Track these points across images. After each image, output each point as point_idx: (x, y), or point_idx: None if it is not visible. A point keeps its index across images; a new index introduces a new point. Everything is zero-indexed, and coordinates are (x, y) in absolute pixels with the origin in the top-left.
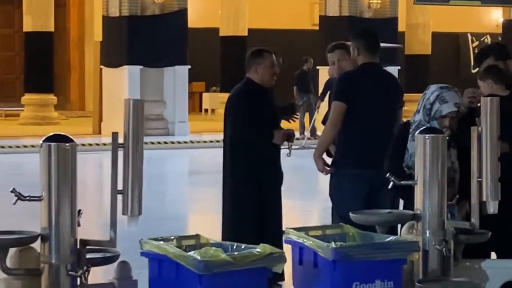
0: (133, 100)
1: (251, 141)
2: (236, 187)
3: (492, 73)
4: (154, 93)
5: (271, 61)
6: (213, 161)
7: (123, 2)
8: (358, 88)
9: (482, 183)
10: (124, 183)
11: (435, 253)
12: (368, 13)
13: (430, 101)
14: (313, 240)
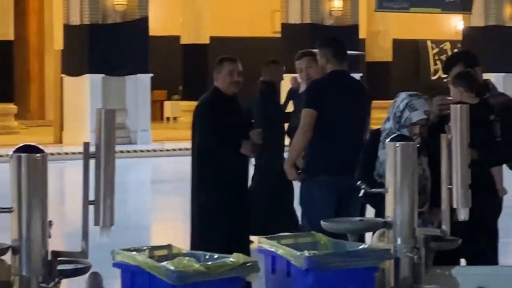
0: (105, 109)
1: (218, 149)
2: (203, 195)
3: (463, 80)
4: (116, 102)
5: (229, 69)
6: (175, 170)
7: (84, 10)
8: (327, 95)
9: (453, 190)
10: (96, 194)
11: (406, 260)
12: (329, 21)
13: (400, 109)
14: (285, 249)
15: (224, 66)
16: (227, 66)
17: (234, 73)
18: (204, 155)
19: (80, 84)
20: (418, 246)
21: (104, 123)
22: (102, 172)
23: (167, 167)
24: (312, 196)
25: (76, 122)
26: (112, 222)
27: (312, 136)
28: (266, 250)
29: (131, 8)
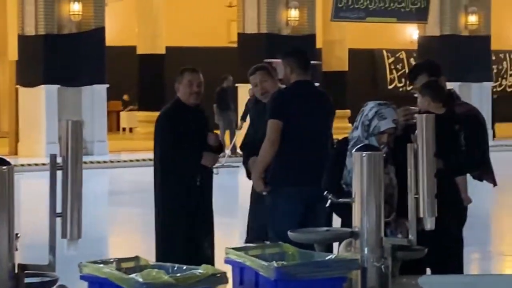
0: (71, 121)
1: (178, 160)
2: (165, 206)
3: (430, 90)
4: (72, 113)
5: (188, 79)
6: (132, 181)
7: (39, 21)
8: (292, 106)
9: (419, 199)
10: (63, 206)
11: (373, 270)
12: (286, 30)
13: (369, 118)
14: (253, 260)
15: (184, 76)
16: (187, 76)
17: (194, 83)
18: (165, 167)
19: (36, 95)
20: (385, 256)
21: (71, 134)
22: (69, 184)
23: (124, 178)
24: (278, 207)
25: (31, 133)
26: (80, 234)
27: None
28: (233, 261)
29: (87, 19)
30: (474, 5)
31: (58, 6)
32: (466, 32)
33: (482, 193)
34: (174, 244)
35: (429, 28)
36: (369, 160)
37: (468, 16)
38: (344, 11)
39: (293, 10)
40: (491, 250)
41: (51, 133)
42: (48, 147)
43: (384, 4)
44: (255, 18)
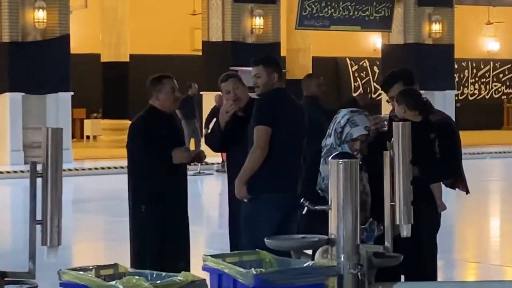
0: (51, 128)
1: (152, 166)
2: (137, 213)
3: (406, 98)
4: (36, 120)
5: (171, 86)
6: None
7: (4, 28)
8: (277, 113)
9: (395, 207)
10: (43, 213)
11: (349, 277)
12: (251, 38)
13: (341, 125)
14: (232, 267)
15: (165, 83)
16: (169, 83)
17: (175, 89)
18: (138, 174)
19: (0, 102)
20: (362, 263)
21: (51, 142)
22: (49, 192)
23: (88, 186)
24: (256, 214)
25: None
26: (60, 241)
27: None
28: (211, 268)
29: (51, 26)
30: (438, 14)
31: (23, 14)
32: (430, 40)
33: (447, 200)
34: (145, 250)
35: (393, 37)
36: (345, 167)
37: (431, 25)
38: (308, 19)
39: (257, 18)
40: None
41: (15, 141)
42: (12, 155)
43: (348, 13)
44: (219, 26)
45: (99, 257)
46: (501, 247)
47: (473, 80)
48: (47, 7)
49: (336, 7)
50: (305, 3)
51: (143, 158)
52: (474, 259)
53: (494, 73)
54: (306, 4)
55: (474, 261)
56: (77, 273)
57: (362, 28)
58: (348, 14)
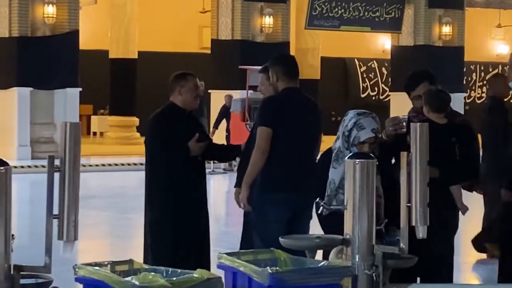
0: (69, 122)
1: (168, 163)
2: (154, 210)
3: (430, 99)
4: (44, 116)
5: (194, 83)
6: (103, 185)
7: (13, 23)
8: (280, 113)
9: (412, 208)
10: (60, 208)
11: (364, 278)
12: (260, 37)
13: (348, 128)
14: (247, 265)
15: (189, 80)
16: (192, 80)
17: (198, 87)
18: (155, 171)
19: (8, 97)
20: (376, 264)
21: (69, 136)
22: (66, 186)
23: (94, 183)
24: (265, 213)
25: (3, 136)
26: (76, 236)
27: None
28: (226, 266)
29: (61, 22)
30: (448, 16)
31: (32, 8)
32: (440, 42)
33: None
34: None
35: (403, 38)
36: (361, 167)
37: (442, 27)
38: (318, 19)
39: (267, 17)
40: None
41: (22, 136)
42: (19, 150)
43: (358, 13)
44: (229, 24)
45: (106, 254)
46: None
47: (480, 83)
48: (57, 2)
49: (346, 7)
50: (315, 3)
51: (159, 155)
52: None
53: None
54: (316, 4)
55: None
56: (93, 269)
57: (372, 29)
58: (358, 14)
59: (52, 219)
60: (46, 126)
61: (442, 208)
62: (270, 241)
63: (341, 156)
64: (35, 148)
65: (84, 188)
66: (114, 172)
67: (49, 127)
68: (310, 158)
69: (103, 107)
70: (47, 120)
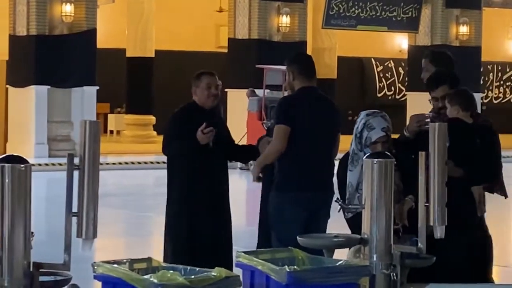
0: (89, 121)
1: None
2: (172, 204)
3: (461, 99)
4: (61, 114)
5: (206, 82)
6: (119, 183)
7: (31, 21)
8: (297, 112)
9: (430, 208)
10: (79, 206)
11: (381, 277)
12: (277, 37)
13: (359, 130)
14: (265, 264)
15: (201, 79)
16: (205, 79)
17: (212, 86)
18: (173, 167)
19: (26, 95)
20: (394, 263)
21: (88, 134)
22: (85, 184)
23: (111, 181)
24: (283, 212)
25: (21, 133)
26: (95, 234)
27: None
28: (244, 264)
29: (78, 20)
30: (466, 16)
31: (50, 7)
32: (457, 42)
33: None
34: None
35: (420, 38)
36: (379, 167)
37: (459, 27)
38: (335, 18)
39: (284, 17)
40: None
41: (40, 134)
42: (36, 148)
43: (375, 13)
44: (246, 23)
45: (123, 251)
46: None
47: (498, 83)
48: (75, 1)
49: (363, 7)
50: (332, 2)
51: (172, 150)
52: (503, 263)
53: None
54: (333, 3)
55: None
56: (111, 266)
57: (388, 28)
58: (375, 14)
59: (71, 217)
60: (63, 124)
61: (462, 207)
62: (287, 240)
63: (355, 159)
64: (52, 146)
65: (101, 186)
66: (130, 171)
67: (66, 125)
68: (326, 157)
69: (120, 106)
70: (64, 118)
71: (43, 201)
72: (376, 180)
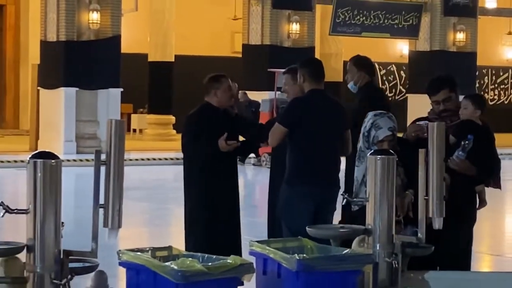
0: (115, 120)
1: (201, 159)
2: (190, 200)
3: (479, 102)
4: (88, 114)
5: (228, 84)
6: (141, 178)
7: (61, 28)
8: (302, 114)
9: (429, 201)
10: (106, 198)
11: (384, 265)
12: (287, 43)
13: (367, 129)
14: (276, 252)
15: (222, 82)
16: (225, 82)
17: (231, 88)
18: (190, 165)
19: (55, 96)
20: (396, 252)
21: (114, 132)
22: (111, 178)
23: (134, 176)
24: (292, 205)
25: (51, 132)
26: (120, 224)
27: (293, 149)
28: (257, 253)
29: (104, 27)
30: (462, 24)
31: (78, 15)
32: (454, 48)
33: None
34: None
35: (420, 44)
36: (382, 163)
37: (456, 34)
38: (341, 26)
39: (294, 24)
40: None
41: (68, 132)
42: (65, 145)
43: (378, 21)
44: (259, 30)
45: (146, 240)
46: None
47: (493, 86)
48: (101, 10)
49: (368, 15)
50: (338, 11)
51: (193, 150)
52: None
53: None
54: (339, 12)
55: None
56: (135, 254)
57: (391, 35)
58: (379, 22)
59: (98, 209)
60: (90, 123)
61: (465, 202)
62: (297, 230)
63: (362, 155)
64: (80, 143)
65: (124, 180)
66: (152, 166)
67: (92, 124)
68: (333, 154)
69: (142, 106)
70: (91, 118)
71: (71, 194)
72: (379, 175)
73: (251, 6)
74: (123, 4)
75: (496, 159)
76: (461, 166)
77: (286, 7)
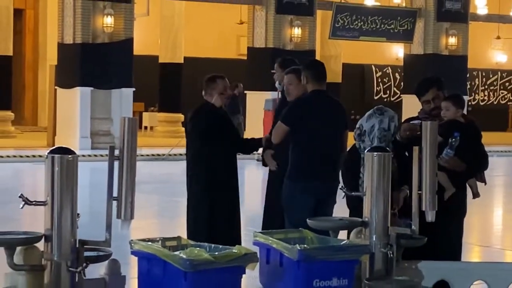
0: (128, 117)
1: (208, 155)
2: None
3: (460, 102)
4: (102, 112)
5: (223, 85)
6: (152, 172)
7: (77, 31)
8: (307, 112)
9: (422, 195)
10: (119, 191)
11: (380, 255)
12: (290, 46)
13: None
14: (279, 243)
15: (218, 83)
16: (221, 82)
17: (226, 88)
18: (196, 161)
19: (72, 95)
20: (391, 243)
21: (127, 129)
22: (124, 172)
23: (145, 170)
24: (294, 199)
25: (67, 128)
26: (133, 216)
27: (295, 146)
28: (261, 243)
29: (117, 30)
30: (454, 29)
31: (93, 19)
32: (446, 51)
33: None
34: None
35: (414, 47)
36: (379, 159)
37: (448, 38)
38: (340, 30)
39: (296, 28)
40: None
41: (84, 129)
42: (81, 141)
43: (375, 26)
44: (263, 34)
45: (156, 231)
46: (503, 233)
47: (483, 87)
48: (115, 14)
49: (365, 20)
50: (338, 16)
51: (199, 146)
52: (485, 244)
53: (501, 82)
54: (339, 17)
55: (485, 245)
56: (146, 244)
57: (387, 39)
58: (375, 27)
59: (112, 201)
60: (104, 121)
61: (456, 196)
62: (298, 222)
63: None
64: (95, 140)
65: (136, 174)
66: (162, 161)
67: (106, 122)
68: (333, 151)
69: (153, 105)
70: (105, 116)
71: (87, 187)
72: (375, 170)
73: (256, 11)
74: (136, 9)
75: (484, 153)
76: (450, 163)
77: (288, 12)
